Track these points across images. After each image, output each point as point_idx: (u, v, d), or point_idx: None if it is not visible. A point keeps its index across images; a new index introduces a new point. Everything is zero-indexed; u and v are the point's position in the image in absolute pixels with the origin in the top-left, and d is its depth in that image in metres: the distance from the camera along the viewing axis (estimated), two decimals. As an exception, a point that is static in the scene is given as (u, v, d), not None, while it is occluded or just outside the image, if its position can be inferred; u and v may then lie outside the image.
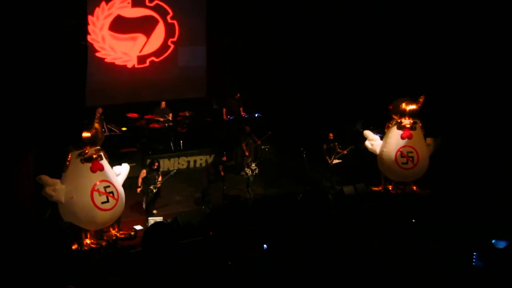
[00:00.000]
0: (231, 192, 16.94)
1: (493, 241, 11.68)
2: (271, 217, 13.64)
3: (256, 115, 21.16)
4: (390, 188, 16.71)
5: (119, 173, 14.05)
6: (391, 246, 12.22)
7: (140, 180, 15.24)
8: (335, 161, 17.49)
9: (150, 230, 12.93)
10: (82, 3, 12.63)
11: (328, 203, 15.40)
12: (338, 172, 17.77)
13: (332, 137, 17.60)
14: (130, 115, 19.12)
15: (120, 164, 14.32)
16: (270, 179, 17.67)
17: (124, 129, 19.02)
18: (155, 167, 15.32)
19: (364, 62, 20.05)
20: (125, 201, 13.86)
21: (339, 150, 17.53)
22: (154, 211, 15.39)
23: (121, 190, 13.68)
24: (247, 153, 18.04)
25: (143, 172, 15.32)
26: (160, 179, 15.33)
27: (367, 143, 16.96)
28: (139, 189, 15.21)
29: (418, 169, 16.43)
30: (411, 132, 16.34)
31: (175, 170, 16.16)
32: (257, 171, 16.64)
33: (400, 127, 16.39)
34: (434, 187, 16.37)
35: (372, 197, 16.11)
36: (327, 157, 17.55)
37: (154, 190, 15.16)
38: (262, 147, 19.34)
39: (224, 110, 20.81)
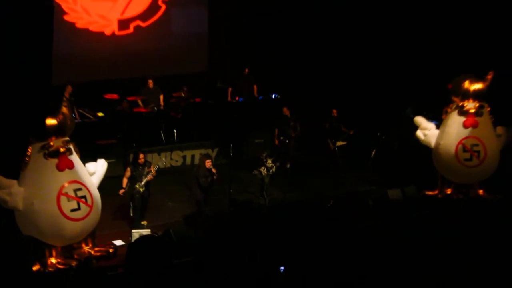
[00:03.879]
0: (240, 196, 16.97)
1: None
2: (291, 229, 13.63)
3: (273, 96, 21.15)
4: (449, 192, 16.64)
5: (94, 171, 14.02)
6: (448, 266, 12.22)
7: (125, 180, 15.25)
8: (339, 143, 17.73)
9: (134, 247, 12.96)
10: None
11: (367, 211, 15.37)
12: (342, 155, 18.28)
13: (335, 115, 17.95)
14: (109, 96, 19.12)
15: (95, 160, 14.31)
16: (291, 180, 17.63)
17: (100, 114, 19.04)
18: (141, 161, 15.33)
19: (415, 29, 19.96)
20: (101, 208, 13.88)
21: (343, 130, 17.84)
22: (143, 222, 15.32)
23: (96, 194, 13.66)
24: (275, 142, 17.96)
25: (128, 171, 15.32)
26: (153, 171, 15.27)
27: (419, 133, 16.86)
28: (121, 191, 15.26)
29: (485, 167, 16.33)
30: (477, 119, 16.24)
31: (163, 160, 16.05)
32: (274, 169, 16.60)
33: (462, 112, 16.28)
34: (506, 191, 16.31)
35: (425, 204, 16.05)
36: (329, 140, 18.07)
37: (141, 190, 15.16)
38: (281, 138, 19.24)
39: (230, 89, 20.83)
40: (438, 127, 16.84)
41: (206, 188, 15.55)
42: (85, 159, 14.04)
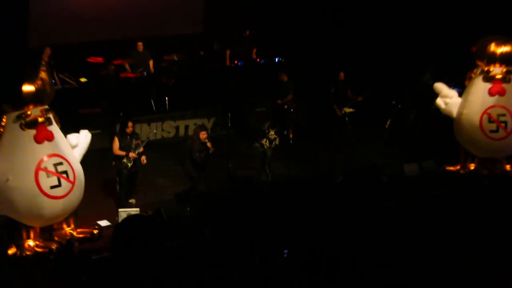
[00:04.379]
0: (240, 172, 16.94)
1: None
2: (296, 208, 13.59)
3: (277, 59, 21.08)
4: (473, 168, 16.60)
5: (76, 144, 13.98)
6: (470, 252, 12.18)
7: (119, 152, 15.16)
8: (347, 109, 17.77)
9: (121, 227, 12.91)
10: None
11: (381, 188, 15.33)
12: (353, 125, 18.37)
13: (342, 78, 18.24)
14: (92, 59, 19.07)
15: (78, 131, 14.28)
16: (296, 153, 17.61)
17: (83, 80, 19.00)
18: (129, 130, 15.27)
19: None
20: (85, 185, 13.85)
21: (350, 96, 17.91)
22: (131, 201, 15.37)
23: (78, 168, 13.63)
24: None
25: (116, 141, 15.25)
26: (140, 147, 15.23)
27: (439, 101, 16.79)
28: (132, 154, 15.10)
29: (513, 140, 16.33)
30: (504, 85, 16.14)
31: (154, 131, 15.98)
32: (277, 141, 16.55)
33: (488, 78, 16.19)
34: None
35: (446, 181, 16.01)
36: (335, 106, 18.30)
37: (129, 164, 15.13)
38: (285, 106, 19.22)
39: (228, 52, 20.76)
40: (460, 94, 16.77)
41: (200, 164, 15.49)
42: (66, 130, 14.00)
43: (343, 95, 18.54)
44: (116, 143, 15.20)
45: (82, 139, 14.15)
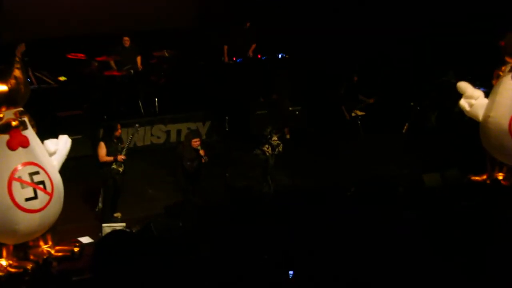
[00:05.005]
0: (239, 182, 16.94)
1: None
2: (301, 223, 13.59)
3: (280, 55, 21.10)
4: (500, 178, 16.58)
5: (55, 150, 13.97)
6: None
7: (107, 158, 15.13)
8: (358, 112, 17.95)
9: (104, 245, 12.91)
10: None
11: (397, 201, 15.33)
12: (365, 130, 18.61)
13: (356, 81, 18.92)
14: (73, 56, 19.06)
15: (56, 137, 14.27)
16: (301, 161, 17.59)
17: (62, 79, 18.98)
18: (118, 133, 15.27)
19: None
20: (64, 196, 13.83)
21: (362, 98, 18.04)
22: (117, 215, 15.37)
23: (57, 178, 13.61)
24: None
25: (103, 147, 15.22)
26: (127, 145, 15.23)
27: (463, 102, 16.77)
28: (121, 157, 15.10)
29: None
30: (536, 85, 16.18)
31: (137, 125, 16.03)
32: (281, 148, 16.55)
33: (518, 76, 16.24)
34: None
35: (471, 192, 16.00)
36: (344, 108, 18.74)
37: (121, 169, 15.13)
38: (290, 108, 19.25)
39: (226, 48, 20.77)
40: (487, 95, 16.75)
41: (192, 174, 15.48)
42: (43, 135, 13.99)
43: (354, 97, 18.63)
44: (103, 149, 15.16)
45: (61, 145, 14.12)
